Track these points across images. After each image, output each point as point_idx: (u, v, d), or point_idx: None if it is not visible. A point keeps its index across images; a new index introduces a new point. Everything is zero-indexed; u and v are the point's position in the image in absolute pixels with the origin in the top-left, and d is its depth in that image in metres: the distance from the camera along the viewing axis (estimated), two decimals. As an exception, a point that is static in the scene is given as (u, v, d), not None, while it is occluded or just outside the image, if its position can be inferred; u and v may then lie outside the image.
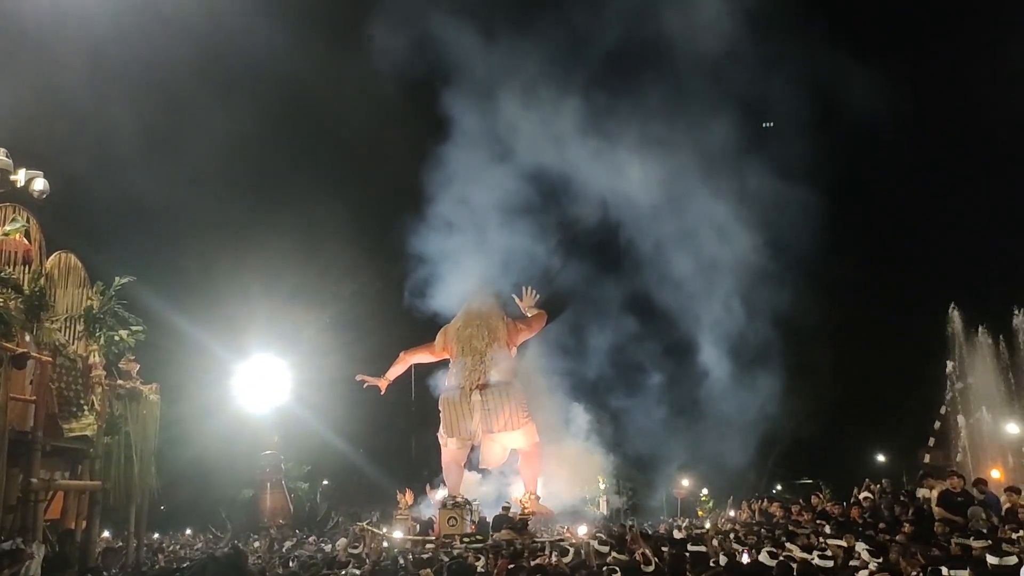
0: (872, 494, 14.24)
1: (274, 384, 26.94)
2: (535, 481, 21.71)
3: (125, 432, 12.44)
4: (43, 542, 9.86)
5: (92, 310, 12.70)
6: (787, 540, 9.15)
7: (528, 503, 19.85)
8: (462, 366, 22.33)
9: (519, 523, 16.01)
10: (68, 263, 12.94)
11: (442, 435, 22.34)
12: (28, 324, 11.25)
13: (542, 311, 23.70)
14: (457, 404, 21.87)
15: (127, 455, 12.39)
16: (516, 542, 13.36)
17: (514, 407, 21.53)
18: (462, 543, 14.67)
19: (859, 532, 9.47)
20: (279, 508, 26.14)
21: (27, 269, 12.05)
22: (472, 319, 22.91)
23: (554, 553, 10.31)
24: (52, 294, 12.29)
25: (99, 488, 11.98)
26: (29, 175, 11.35)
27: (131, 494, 12.58)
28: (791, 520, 13.38)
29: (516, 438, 21.85)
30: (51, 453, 11.10)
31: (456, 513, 18.02)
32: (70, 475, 11.93)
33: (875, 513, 12.55)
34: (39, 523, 10.28)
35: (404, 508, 20.08)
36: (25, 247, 12.12)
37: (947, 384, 28.38)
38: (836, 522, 11.39)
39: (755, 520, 14.97)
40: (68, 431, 11.20)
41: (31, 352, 10.53)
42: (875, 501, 13.60)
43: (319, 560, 11.73)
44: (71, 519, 11.95)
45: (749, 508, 17.27)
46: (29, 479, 10.09)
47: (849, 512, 13.15)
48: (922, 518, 10.71)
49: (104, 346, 12.65)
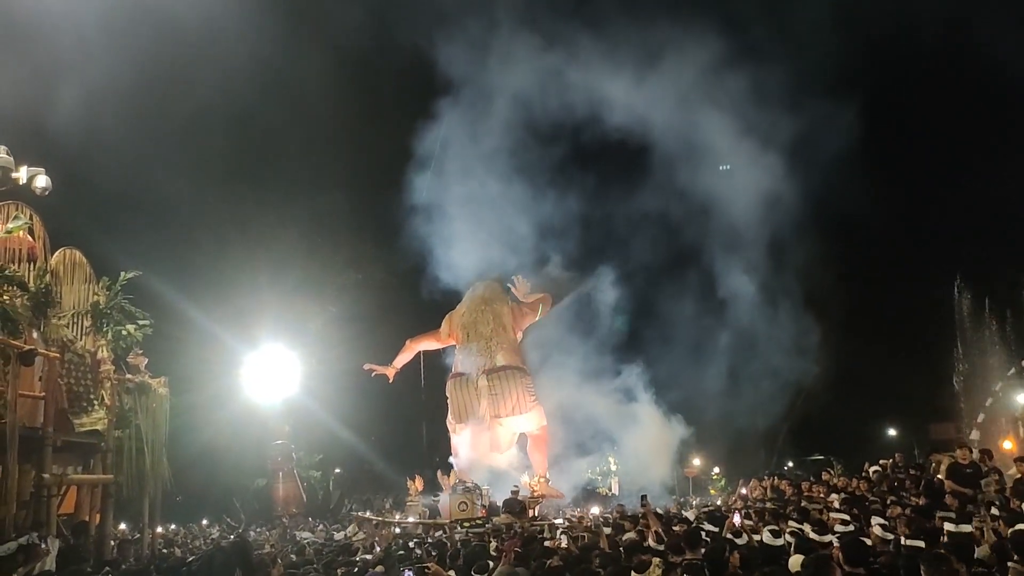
0: (883, 468, 14.25)
1: (283, 374, 27.04)
2: (544, 464, 21.79)
3: (136, 425, 12.49)
4: (57, 536, 9.93)
5: (99, 305, 12.71)
6: (799, 516, 9.15)
7: (538, 486, 19.93)
8: (468, 352, 22.38)
9: (518, 506, 16.08)
10: (73, 259, 12.95)
11: (451, 421, 22.44)
12: (35, 321, 11.28)
13: (545, 294, 23.67)
14: (464, 390, 21.95)
15: (138, 448, 12.45)
16: (515, 525, 13.44)
17: (521, 391, 21.56)
18: (462, 528, 14.78)
19: (867, 507, 9.46)
20: (292, 497, 26.34)
21: (32, 266, 12.07)
22: (477, 304, 22.94)
23: (562, 535, 10.33)
24: (58, 290, 12.31)
25: (112, 481, 12.05)
26: (31, 172, 11.33)
27: (143, 486, 12.64)
28: (802, 496, 13.41)
29: (524, 422, 21.90)
30: (62, 448, 11.16)
31: (467, 498, 18.13)
32: (82, 469, 11.99)
33: (886, 486, 12.57)
34: (53, 518, 10.35)
35: (414, 495, 20.19)
36: (29, 244, 12.14)
37: (955, 357, 28.38)
38: (846, 496, 11.38)
39: (767, 497, 15.00)
40: (79, 426, 11.22)
41: (39, 349, 10.55)
42: (883, 474, 13.61)
43: (332, 547, 11.81)
44: (85, 513, 12.04)
45: (760, 485, 17.29)
46: (41, 475, 10.15)
47: (858, 486, 13.17)
48: (932, 491, 10.70)
49: (112, 341, 12.68)
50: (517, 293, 23.34)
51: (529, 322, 23.55)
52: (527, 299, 23.36)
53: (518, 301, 23.31)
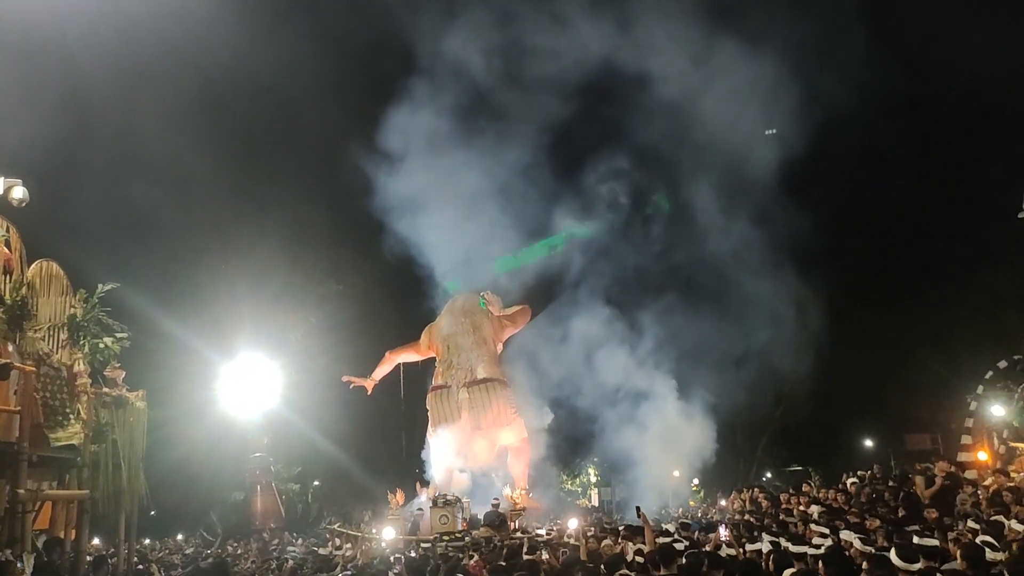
0: (860, 480, 14.38)
1: (262, 386, 26.83)
2: (525, 476, 21.79)
3: (112, 440, 12.33)
4: (32, 552, 9.79)
5: (76, 318, 12.59)
6: (778, 530, 9.22)
7: (519, 498, 19.91)
8: (448, 364, 22.37)
9: (497, 519, 16.06)
10: (50, 271, 12.81)
11: (431, 433, 22.38)
12: (11, 334, 11.17)
13: (525, 306, 23.71)
14: (446, 402, 21.93)
15: (115, 463, 12.29)
16: (494, 538, 13.41)
17: (502, 404, 21.59)
18: (442, 541, 14.74)
19: (846, 520, 9.55)
20: (270, 510, 26.09)
21: (8, 279, 11.93)
22: (457, 317, 22.97)
23: (542, 549, 10.34)
24: (34, 303, 12.18)
25: (87, 497, 11.89)
26: (8, 183, 11.23)
27: (120, 501, 12.47)
28: (780, 509, 13.50)
29: (505, 434, 21.90)
30: (38, 463, 11.02)
31: (447, 511, 18.05)
32: (58, 484, 11.83)
33: (861, 499, 12.68)
34: (27, 534, 10.19)
35: (395, 508, 20.07)
36: (5, 256, 11.98)
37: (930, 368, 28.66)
38: (826, 509, 11.48)
39: (747, 509, 15.08)
40: (55, 440, 11.08)
41: (14, 363, 10.43)
42: (860, 486, 13.74)
43: (310, 562, 11.73)
44: (60, 528, 11.88)
45: (739, 497, 17.39)
46: (16, 490, 10.00)
47: (835, 498, 13.29)
48: (911, 503, 10.83)
49: (89, 354, 12.55)
50: (492, 309, 23.32)
51: (509, 334, 23.61)
52: (505, 311, 23.38)
53: (499, 312, 23.34)
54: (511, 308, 23.47)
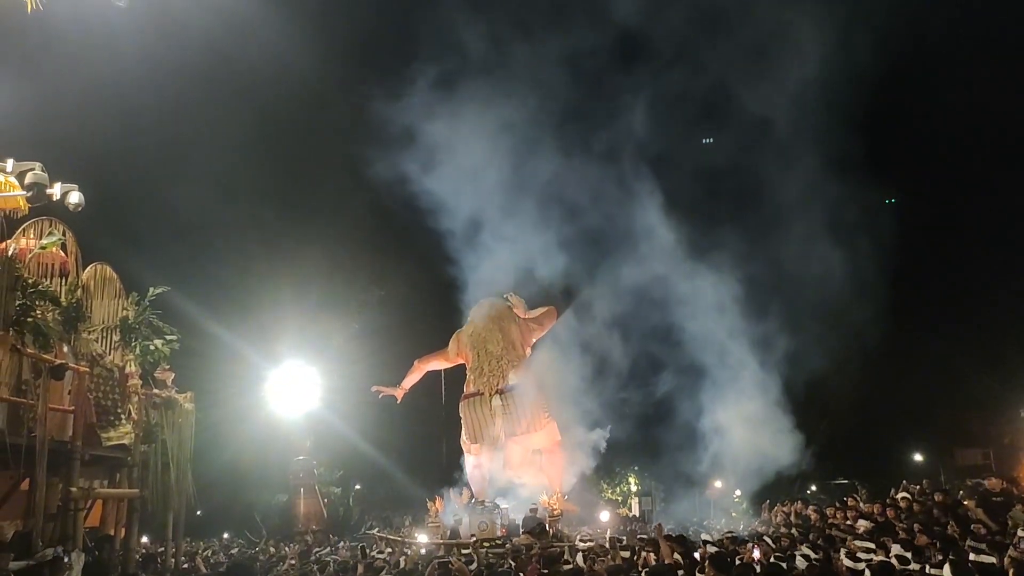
0: (910, 495, 14.01)
1: (305, 390, 27.18)
2: (560, 479, 21.63)
3: (162, 440, 12.60)
4: (83, 550, 10.01)
5: (128, 320, 12.87)
6: (826, 545, 9.04)
7: (555, 503, 19.81)
8: (480, 371, 22.32)
9: (537, 527, 16.00)
10: (104, 274, 13.10)
11: (465, 441, 22.37)
12: (65, 335, 11.41)
13: (550, 307, 23.41)
14: (479, 410, 21.88)
15: (164, 463, 12.56)
16: (536, 546, 13.35)
17: (535, 409, 21.48)
18: (483, 548, 14.71)
19: (896, 535, 9.33)
20: (313, 513, 26.36)
21: (64, 281, 12.23)
22: (484, 323, 22.85)
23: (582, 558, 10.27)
24: (88, 305, 12.44)
25: (137, 496, 12.14)
26: (64, 188, 11.48)
27: (168, 501, 12.73)
28: (827, 523, 13.22)
29: (538, 439, 21.79)
30: (90, 462, 11.25)
31: (486, 518, 18.07)
32: (108, 483, 12.11)
33: (912, 515, 12.36)
34: (79, 531, 10.41)
35: (434, 515, 20.14)
36: (62, 260, 12.29)
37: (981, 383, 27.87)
38: (875, 524, 11.21)
39: (793, 522, 14.79)
40: (106, 440, 11.32)
41: (69, 363, 10.68)
42: (911, 501, 13.40)
43: (353, 566, 11.80)
44: (110, 526, 12.14)
45: (783, 510, 17.04)
46: (69, 488, 10.24)
47: (884, 513, 12.96)
48: (962, 520, 10.52)
49: (140, 356, 12.82)
50: (517, 311, 23.18)
51: (537, 337, 23.36)
52: (531, 314, 23.16)
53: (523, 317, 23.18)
54: (536, 310, 23.20)
